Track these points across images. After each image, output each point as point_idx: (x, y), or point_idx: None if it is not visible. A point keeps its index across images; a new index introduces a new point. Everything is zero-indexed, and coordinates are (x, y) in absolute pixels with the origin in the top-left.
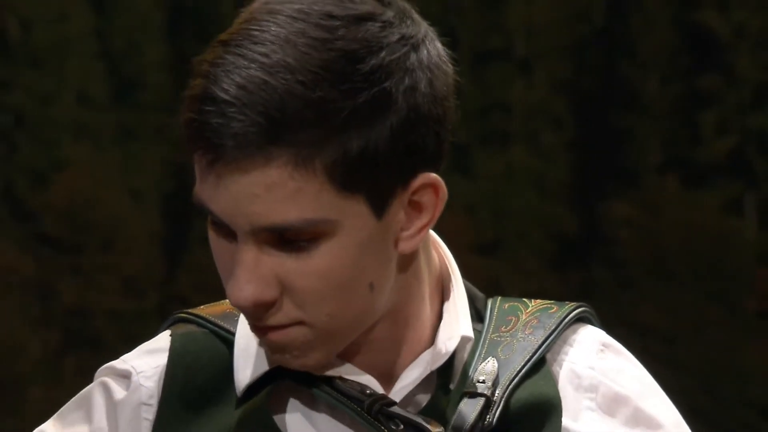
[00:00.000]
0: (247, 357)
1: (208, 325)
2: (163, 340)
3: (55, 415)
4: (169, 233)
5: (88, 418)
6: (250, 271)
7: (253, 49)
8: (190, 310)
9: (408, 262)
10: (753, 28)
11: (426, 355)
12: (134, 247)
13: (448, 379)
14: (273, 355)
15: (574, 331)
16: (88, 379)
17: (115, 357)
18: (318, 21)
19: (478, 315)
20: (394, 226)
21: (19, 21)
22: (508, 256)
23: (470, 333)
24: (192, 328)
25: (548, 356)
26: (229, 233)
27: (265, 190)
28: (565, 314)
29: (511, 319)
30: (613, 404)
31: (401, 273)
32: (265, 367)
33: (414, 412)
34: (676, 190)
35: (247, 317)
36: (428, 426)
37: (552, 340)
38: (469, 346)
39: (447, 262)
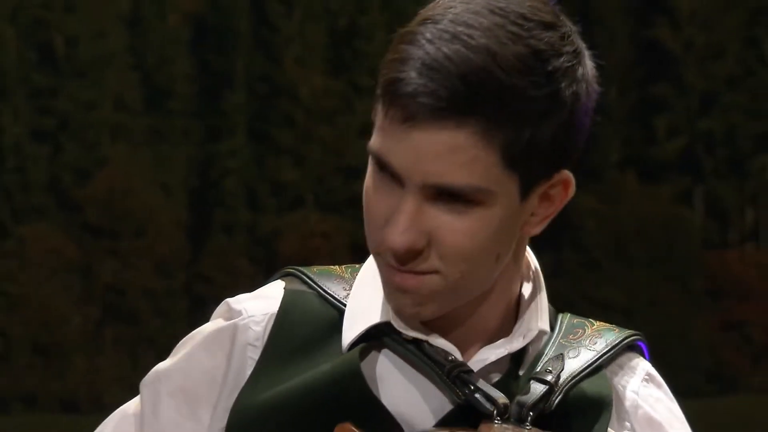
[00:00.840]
0: (353, 320)
1: (317, 287)
2: (276, 290)
3: (173, 353)
4: (193, 222)
5: (208, 355)
6: (411, 221)
7: (458, 30)
8: (301, 269)
9: (518, 252)
10: (700, 44)
11: (506, 340)
12: (164, 234)
13: (519, 365)
14: (394, 299)
15: (629, 359)
16: (125, 349)
17: (147, 329)
18: (515, 20)
19: (550, 322)
20: (527, 212)
21: (64, 38)
22: None
23: (547, 328)
24: (301, 286)
25: (606, 371)
26: (394, 184)
27: (449, 152)
28: (624, 336)
29: (578, 331)
30: (646, 427)
31: (513, 258)
32: (365, 327)
33: (484, 382)
34: (634, 185)
35: (390, 259)
36: (495, 396)
37: (613, 353)
38: (543, 340)
39: (532, 262)
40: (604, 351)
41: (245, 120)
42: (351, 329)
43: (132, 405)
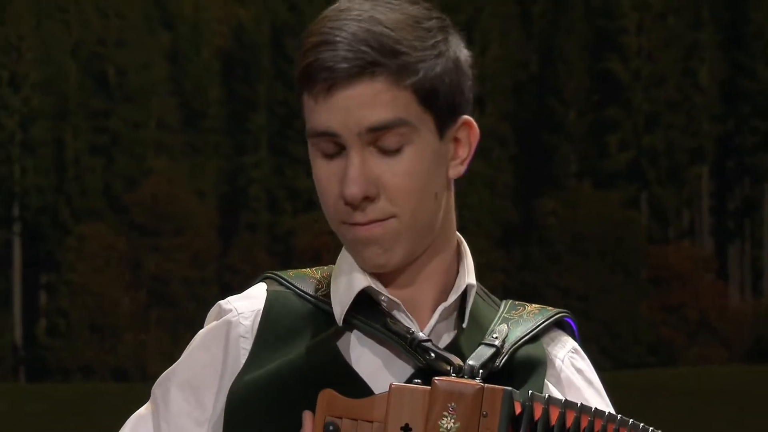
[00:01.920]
0: (339, 300)
1: (294, 287)
2: (259, 290)
3: (183, 355)
4: (223, 222)
5: (207, 352)
6: (359, 172)
7: (348, 14)
8: (279, 273)
9: (449, 201)
10: (645, 74)
11: (444, 303)
12: (198, 232)
13: (462, 321)
14: (365, 251)
15: (560, 335)
16: (167, 327)
17: (184, 311)
18: (387, 2)
19: (495, 303)
20: (448, 153)
21: (115, 69)
22: (467, 238)
23: (473, 282)
24: (280, 287)
25: (541, 341)
26: (335, 155)
27: (371, 97)
28: (556, 312)
29: (520, 309)
30: (567, 388)
31: (446, 206)
32: (352, 297)
33: (440, 347)
34: (589, 191)
35: (352, 215)
36: (451, 358)
37: (547, 325)
38: (473, 294)
39: (460, 239)
40: (540, 323)
41: (267, 137)
42: (341, 304)
43: (143, 408)
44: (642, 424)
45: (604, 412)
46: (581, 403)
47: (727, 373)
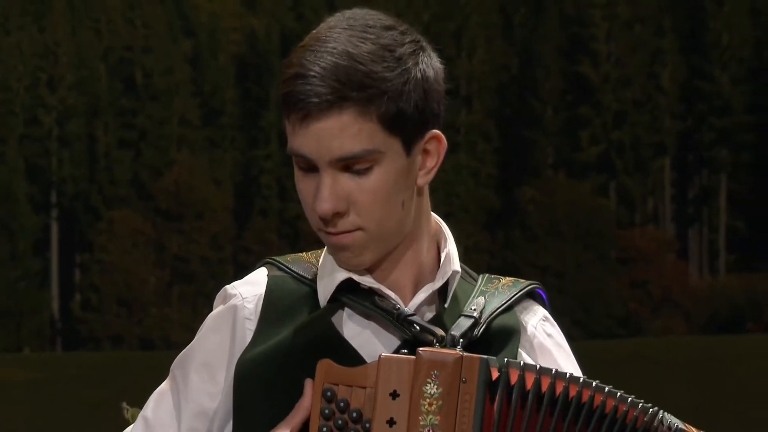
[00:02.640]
0: (324, 285)
1: (291, 272)
2: (260, 276)
3: (196, 336)
4: (238, 208)
5: (217, 333)
6: (330, 191)
7: (324, 47)
8: (278, 258)
9: (420, 203)
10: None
11: (431, 284)
12: (216, 216)
13: (445, 301)
14: (339, 255)
15: (532, 304)
16: (188, 302)
17: (204, 288)
18: (362, 28)
19: (473, 278)
20: (416, 166)
21: (142, 72)
22: (456, 223)
23: (458, 269)
24: (279, 272)
25: (515, 311)
26: (311, 170)
27: (339, 131)
28: (528, 284)
29: (495, 282)
30: (539, 351)
31: (417, 208)
32: (335, 285)
33: (424, 321)
34: (564, 180)
35: (326, 226)
36: (434, 330)
37: (520, 296)
38: (457, 278)
39: (443, 229)
40: (514, 294)
41: (277, 132)
42: (324, 290)
43: (164, 385)
44: (617, 391)
45: (579, 378)
46: (556, 369)
47: (687, 342)
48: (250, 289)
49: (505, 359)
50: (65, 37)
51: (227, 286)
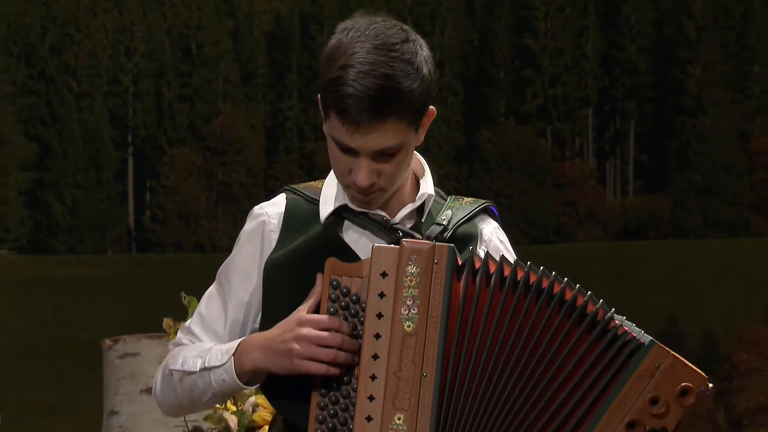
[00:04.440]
0: (325, 205)
1: (305, 194)
2: (281, 199)
3: (234, 248)
4: (268, 146)
5: (250, 244)
6: (368, 172)
7: (365, 68)
8: (293, 186)
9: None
10: (550, 48)
11: (412, 204)
12: (251, 152)
13: (422, 216)
14: (357, 203)
15: (487, 217)
16: (230, 217)
17: (242, 205)
18: (390, 48)
19: (442, 197)
20: (418, 136)
21: (196, 44)
22: (432, 158)
23: (432, 192)
24: (295, 196)
25: (474, 221)
26: (349, 152)
27: (380, 134)
28: (483, 202)
29: (460, 201)
30: (493, 250)
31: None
32: (333, 207)
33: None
34: (513, 126)
35: (358, 191)
36: (414, 234)
37: (478, 210)
38: (431, 201)
39: (422, 164)
40: (474, 209)
41: (297, 90)
42: (324, 211)
43: (212, 288)
44: (575, 285)
45: (538, 268)
46: (517, 259)
47: (603, 247)
48: (273, 209)
49: (470, 248)
50: (138, 18)
51: (256, 207)
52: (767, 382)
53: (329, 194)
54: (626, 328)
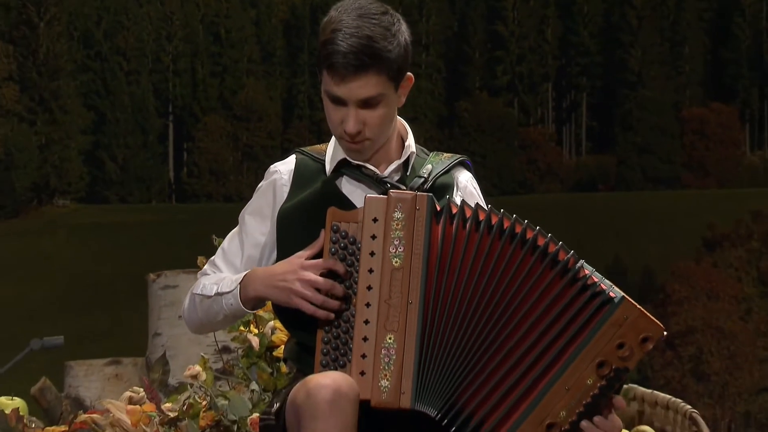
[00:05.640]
0: (330, 161)
1: (311, 154)
2: (291, 158)
3: (253, 197)
4: (284, 114)
5: (265, 195)
6: (355, 120)
7: (351, 31)
8: (303, 148)
9: (395, 116)
10: (517, 33)
11: (398, 161)
12: (270, 119)
13: (407, 171)
14: (350, 153)
15: (463, 169)
16: (253, 173)
17: (263, 165)
18: (371, 16)
19: (426, 154)
20: (399, 96)
21: (224, 29)
22: (418, 124)
23: (415, 150)
24: (303, 156)
25: (451, 172)
26: (340, 104)
27: (364, 84)
28: (460, 156)
29: (440, 156)
30: (468, 196)
31: (394, 120)
32: (336, 161)
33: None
34: (486, 97)
35: (349, 138)
36: (400, 186)
37: (455, 163)
38: (413, 157)
39: (406, 127)
40: (451, 162)
41: (308, 67)
42: (330, 164)
43: (234, 230)
44: (548, 233)
45: (512, 215)
46: (491, 206)
47: (561, 198)
48: (285, 167)
49: (447, 197)
50: (177, 8)
51: (271, 166)
52: (694, 308)
53: (331, 151)
54: (596, 279)
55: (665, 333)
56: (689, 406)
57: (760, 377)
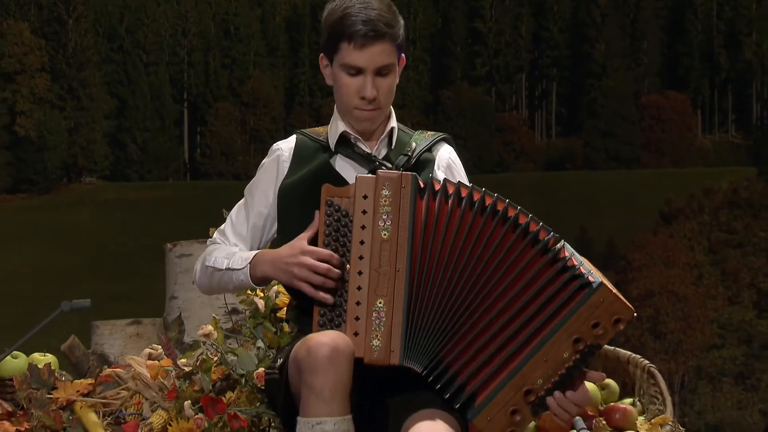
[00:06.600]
0: (332, 138)
1: (310, 135)
2: (293, 138)
3: (257, 173)
4: (287, 101)
5: (268, 171)
6: (372, 85)
7: (362, 5)
8: (303, 130)
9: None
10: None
11: (382, 137)
12: (275, 105)
13: (391, 147)
14: (362, 123)
15: (445, 145)
16: (260, 151)
17: (268, 144)
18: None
19: (410, 131)
20: (397, 73)
21: (233, 26)
22: (407, 110)
23: (395, 126)
24: (303, 137)
25: (433, 149)
26: (357, 74)
27: (381, 51)
28: (442, 134)
29: (423, 133)
30: (447, 170)
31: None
32: (337, 135)
33: (381, 159)
34: (467, 87)
35: (365, 105)
36: (386, 164)
37: (437, 140)
38: (395, 131)
39: (390, 109)
40: (434, 139)
41: (309, 60)
42: (332, 140)
43: (240, 202)
44: (529, 213)
45: (494, 193)
46: (473, 184)
47: (533, 176)
48: (286, 145)
49: (430, 175)
50: (191, 7)
51: (274, 145)
52: (652, 275)
53: (331, 129)
54: (575, 262)
55: (635, 315)
56: (647, 361)
57: (710, 335)
